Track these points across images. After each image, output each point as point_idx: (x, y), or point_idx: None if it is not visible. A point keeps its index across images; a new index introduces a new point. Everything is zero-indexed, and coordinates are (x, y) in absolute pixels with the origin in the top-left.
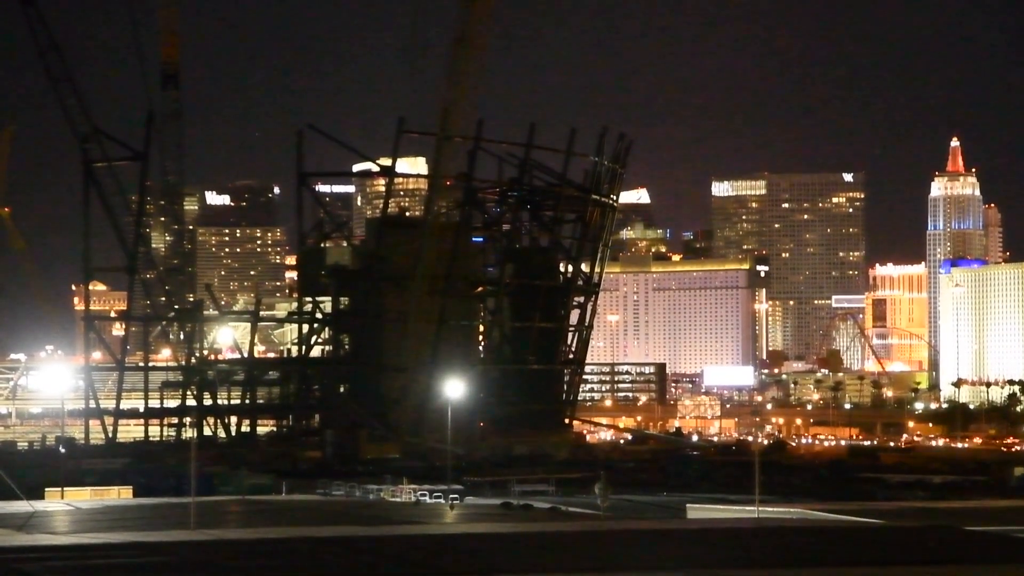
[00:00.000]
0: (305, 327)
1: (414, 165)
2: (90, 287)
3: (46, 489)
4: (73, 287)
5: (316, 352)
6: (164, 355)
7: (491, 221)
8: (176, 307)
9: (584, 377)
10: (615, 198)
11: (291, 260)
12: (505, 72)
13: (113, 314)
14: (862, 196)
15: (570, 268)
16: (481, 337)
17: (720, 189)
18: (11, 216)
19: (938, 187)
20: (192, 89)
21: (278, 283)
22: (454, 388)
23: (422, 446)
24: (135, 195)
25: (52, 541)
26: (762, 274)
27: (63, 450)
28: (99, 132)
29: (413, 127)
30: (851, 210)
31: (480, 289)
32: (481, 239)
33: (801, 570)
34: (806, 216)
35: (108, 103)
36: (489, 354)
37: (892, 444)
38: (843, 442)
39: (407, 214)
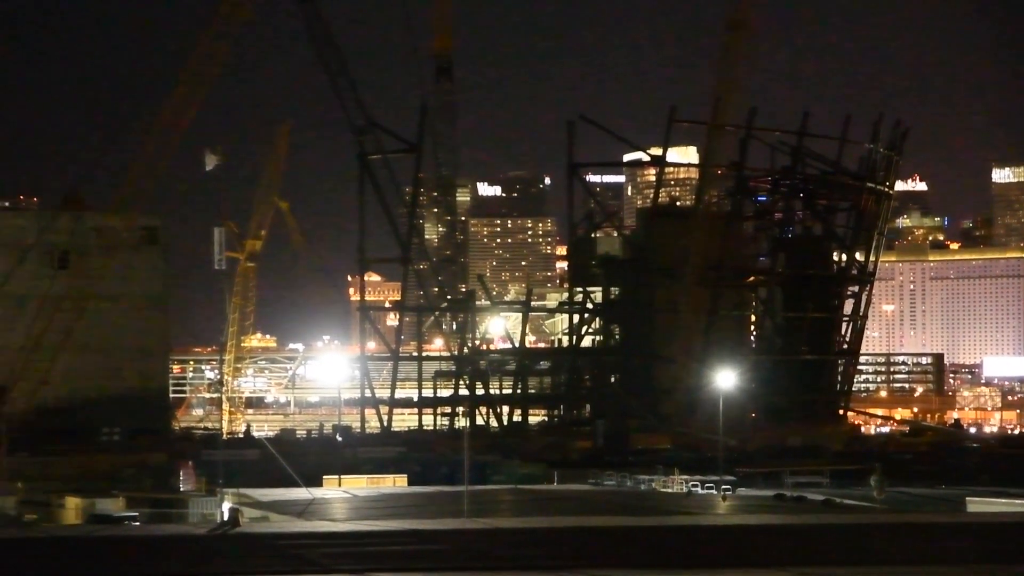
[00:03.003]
0: (576, 317)
1: (685, 154)
2: (365, 278)
3: (324, 477)
4: (349, 278)
5: (587, 342)
6: (437, 345)
7: (763, 210)
8: (449, 297)
9: (859, 367)
10: (891, 186)
11: (562, 250)
12: (778, 59)
13: (387, 304)
14: None
15: (844, 257)
16: (753, 327)
17: (1001, 175)
18: (290, 210)
19: None
20: (465, 81)
21: (549, 273)
22: (725, 378)
23: (693, 436)
24: (409, 187)
25: (330, 528)
26: None
27: (340, 438)
28: (374, 125)
29: (684, 116)
30: None
31: (752, 279)
32: (753, 228)
33: None
34: None
35: (382, 96)
36: (761, 344)
37: None
38: None
39: (678, 203)
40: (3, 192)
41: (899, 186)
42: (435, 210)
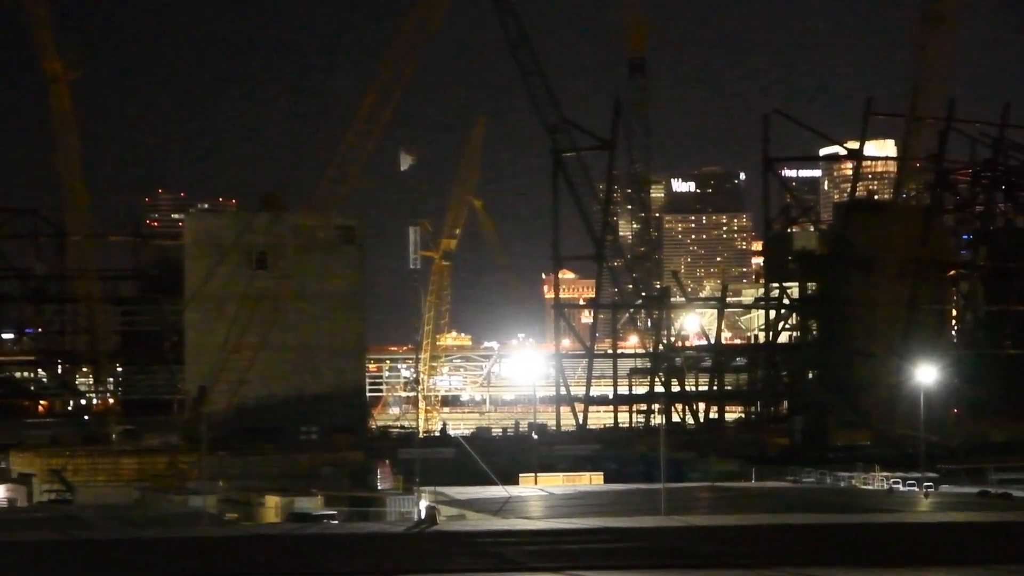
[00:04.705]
0: (772, 313)
1: (882, 147)
2: (559, 275)
3: (520, 475)
4: (543, 275)
5: (783, 338)
6: (632, 342)
7: (963, 203)
8: (643, 294)
9: None
10: None
11: (757, 246)
12: (979, 48)
13: (582, 302)
14: None
15: None
16: (954, 321)
17: None
18: (484, 208)
19: None
20: (658, 76)
21: (744, 269)
22: (926, 373)
23: (894, 433)
24: (602, 184)
25: (527, 526)
26: None
27: (535, 436)
28: (567, 122)
29: (882, 108)
30: None
31: (952, 272)
32: (953, 221)
33: None
34: None
35: (575, 93)
36: (962, 339)
37: None
38: None
39: (875, 197)
40: (202, 194)
41: None
42: (629, 207)
